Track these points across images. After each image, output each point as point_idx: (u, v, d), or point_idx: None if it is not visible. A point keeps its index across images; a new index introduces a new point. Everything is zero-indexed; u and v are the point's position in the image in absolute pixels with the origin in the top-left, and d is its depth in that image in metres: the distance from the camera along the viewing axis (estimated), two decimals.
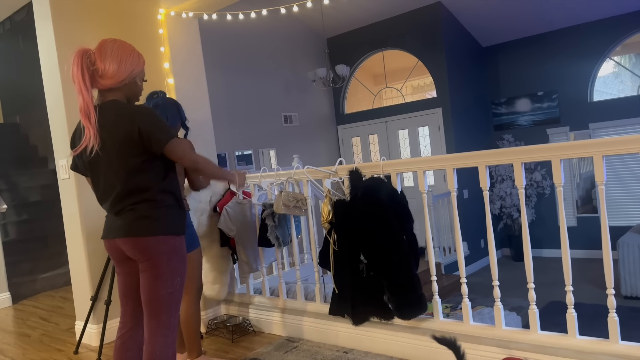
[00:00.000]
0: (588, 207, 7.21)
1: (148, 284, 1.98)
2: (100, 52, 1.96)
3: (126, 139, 1.90)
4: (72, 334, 3.88)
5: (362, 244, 2.70)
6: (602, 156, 2.12)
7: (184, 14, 3.48)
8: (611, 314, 2.16)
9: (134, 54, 2.03)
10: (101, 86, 1.96)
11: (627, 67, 6.97)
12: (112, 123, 1.92)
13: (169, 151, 1.95)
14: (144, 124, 1.90)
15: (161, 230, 1.98)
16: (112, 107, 1.95)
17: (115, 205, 1.99)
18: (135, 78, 2.03)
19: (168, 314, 2.01)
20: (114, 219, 2.02)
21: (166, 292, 1.99)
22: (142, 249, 1.97)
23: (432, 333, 2.48)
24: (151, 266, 1.97)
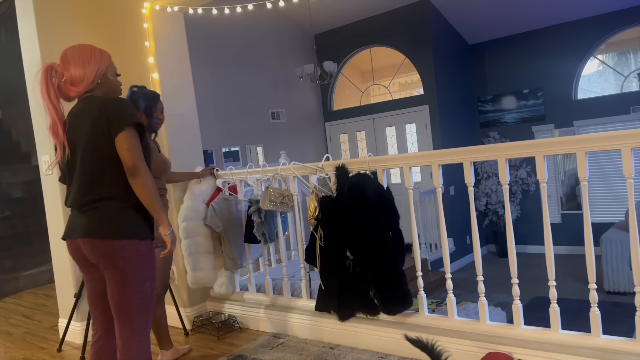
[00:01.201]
0: (572, 203, 7.29)
1: (117, 291, 1.91)
2: (63, 62, 1.97)
3: (96, 127, 1.88)
4: (55, 332, 3.84)
5: (348, 240, 2.70)
6: (585, 152, 2.14)
7: (169, 8, 3.45)
8: (593, 309, 2.18)
9: (95, 52, 2.00)
10: (76, 93, 1.97)
11: (611, 65, 7.05)
12: (80, 119, 1.92)
13: (121, 138, 1.85)
14: (110, 107, 1.89)
15: (128, 234, 1.90)
16: (82, 105, 1.96)
17: (79, 201, 1.92)
18: (106, 74, 2.01)
19: (141, 319, 1.95)
20: (78, 216, 1.94)
21: (137, 297, 1.92)
22: (105, 252, 1.88)
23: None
24: (117, 272, 1.89)
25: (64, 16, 3.55)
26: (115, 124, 1.86)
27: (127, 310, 1.91)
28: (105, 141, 1.87)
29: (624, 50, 6.94)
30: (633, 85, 6.78)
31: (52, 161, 1.97)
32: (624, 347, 2.10)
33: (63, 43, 3.48)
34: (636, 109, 6.58)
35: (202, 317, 3.53)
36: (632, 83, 6.80)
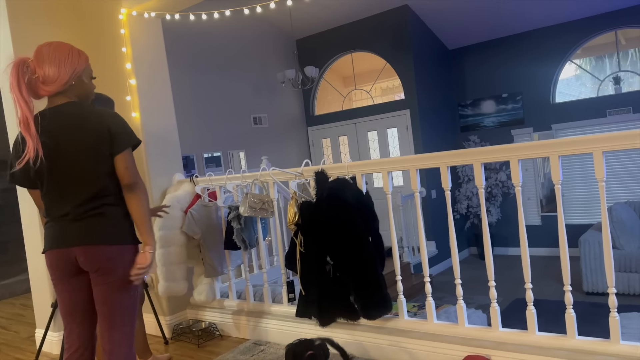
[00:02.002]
0: (552, 205, 7.39)
1: (112, 295, 1.90)
2: (37, 58, 1.89)
3: (94, 139, 1.86)
4: (32, 342, 3.77)
5: (328, 245, 2.70)
6: (558, 156, 2.17)
7: (146, 14, 3.43)
8: (568, 310, 2.21)
9: (73, 52, 1.95)
10: (46, 92, 1.90)
11: (588, 69, 7.18)
12: (71, 125, 1.86)
13: (122, 157, 1.90)
14: (114, 125, 1.90)
15: (127, 239, 1.94)
16: (67, 110, 1.89)
17: (76, 211, 1.88)
18: (81, 77, 1.95)
19: (130, 324, 1.96)
20: (70, 227, 1.89)
21: (129, 302, 1.95)
22: (100, 258, 1.88)
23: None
24: (116, 277, 1.90)
25: (40, 19, 3.51)
26: (119, 142, 1.89)
27: (119, 314, 1.92)
28: (105, 153, 1.88)
29: (600, 55, 7.08)
30: (609, 89, 6.91)
31: (21, 158, 1.84)
32: (598, 348, 2.13)
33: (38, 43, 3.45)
34: (612, 112, 6.71)
35: (182, 325, 3.50)
36: (608, 87, 6.93)
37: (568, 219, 7.05)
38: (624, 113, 6.61)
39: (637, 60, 6.82)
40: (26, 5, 3.45)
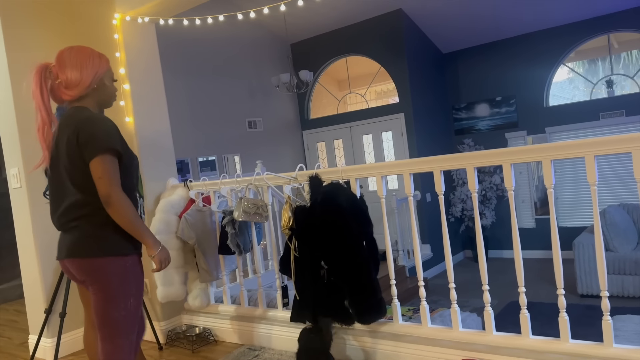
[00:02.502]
0: (546, 208, 7.42)
1: (100, 306, 1.88)
2: (59, 63, 1.89)
3: (69, 148, 1.83)
4: (25, 349, 3.74)
5: (322, 250, 2.70)
6: (551, 160, 2.18)
7: (140, 19, 3.42)
8: (561, 314, 2.22)
9: (94, 56, 1.95)
10: (69, 97, 1.90)
11: (581, 73, 7.23)
12: (62, 135, 1.86)
13: (92, 165, 1.80)
14: (83, 131, 1.81)
15: (108, 251, 1.87)
16: (69, 115, 1.90)
17: (59, 220, 1.91)
18: (103, 80, 1.95)
19: (123, 337, 1.91)
20: (62, 238, 1.94)
21: (119, 314, 1.89)
22: (88, 271, 1.86)
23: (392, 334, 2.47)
24: (100, 289, 1.87)
25: (33, 24, 3.51)
26: (88, 150, 1.80)
27: (109, 326, 1.89)
28: (78, 163, 1.83)
29: (593, 58, 7.13)
30: (602, 92, 6.96)
31: (38, 162, 1.90)
32: (592, 352, 2.14)
33: (32, 51, 3.45)
34: (605, 115, 6.75)
35: (176, 330, 3.49)
36: (601, 90, 6.98)
37: (562, 222, 7.08)
38: (617, 116, 6.66)
39: (630, 64, 6.87)
40: (19, 10, 3.45)
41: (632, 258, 5.24)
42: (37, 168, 1.93)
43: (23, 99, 3.41)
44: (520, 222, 7.33)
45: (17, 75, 3.39)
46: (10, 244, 5.24)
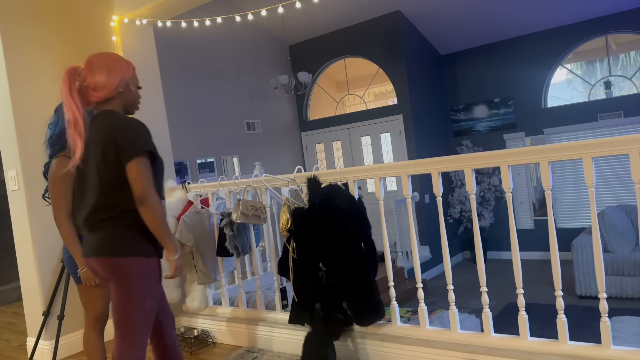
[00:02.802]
0: (545, 209, 7.42)
1: (120, 305, 1.95)
2: (88, 66, 1.99)
3: (105, 150, 1.89)
4: (23, 351, 3.74)
5: (321, 251, 2.70)
6: (548, 162, 2.19)
7: (138, 21, 3.43)
8: (560, 315, 2.22)
9: (121, 61, 2.05)
10: (96, 99, 1.98)
11: (579, 74, 7.24)
12: (96, 135, 1.93)
13: (129, 167, 1.87)
14: (120, 134, 1.89)
15: (133, 252, 1.94)
16: (101, 118, 1.97)
17: (87, 220, 1.97)
18: (129, 85, 2.03)
19: (139, 335, 1.98)
20: (88, 237, 2.00)
21: (137, 313, 1.95)
22: (112, 269, 1.94)
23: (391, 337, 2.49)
24: (122, 287, 1.94)
25: (31, 26, 3.50)
26: (125, 151, 1.87)
27: (127, 324, 1.96)
28: (113, 164, 1.89)
29: (591, 60, 7.14)
30: (600, 94, 6.97)
31: (73, 158, 1.96)
32: (590, 353, 2.14)
33: (30, 52, 3.45)
34: (603, 116, 6.76)
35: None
36: (599, 91, 6.99)
37: (560, 223, 7.08)
38: (615, 117, 6.67)
39: (628, 65, 6.88)
40: (17, 11, 3.44)
41: (631, 259, 5.25)
42: (75, 162, 1.97)
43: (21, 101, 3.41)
44: (518, 223, 7.33)
45: (15, 78, 3.39)
46: (9, 247, 5.23)
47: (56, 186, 2.36)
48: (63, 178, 2.34)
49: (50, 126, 2.49)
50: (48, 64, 3.57)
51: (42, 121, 3.49)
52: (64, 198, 2.35)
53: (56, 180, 2.36)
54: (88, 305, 2.53)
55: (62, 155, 2.42)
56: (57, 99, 3.53)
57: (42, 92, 3.53)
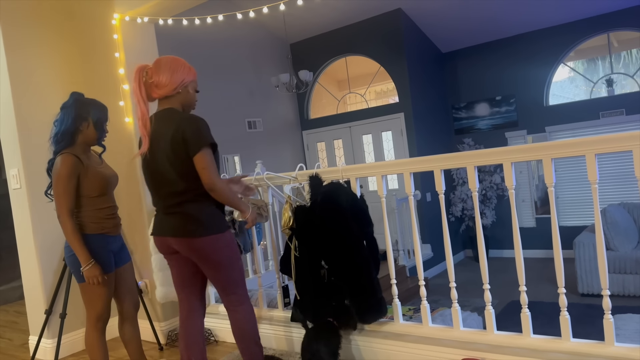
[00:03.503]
0: (547, 208, 7.41)
1: (217, 275, 2.26)
2: (156, 66, 2.23)
3: (174, 144, 2.13)
4: (26, 350, 3.74)
5: (322, 250, 2.69)
6: (551, 159, 2.18)
7: (139, 19, 3.42)
8: (563, 313, 2.22)
9: (185, 66, 2.29)
10: (158, 95, 2.23)
11: (581, 72, 7.22)
12: (164, 129, 2.16)
13: (196, 159, 2.12)
14: (187, 129, 2.13)
15: (212, 231, 2.20)
16: (165, 115, 2.21)
17: (164, 205, 2.22)
18: (187, 87, 2.28)
19: (242, 287, 2.35)
20: (165, 218, 2.23)
21: (235, 275, 2.30)
22: (198, 248, 2.19)
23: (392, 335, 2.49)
24: (214, 263, 2.23)
25: (32, 24, 3.50)
26: (193, 145, 2.12)
27: (232, 285, 2.31)
28: (182, 156, 2.13)
29: (593, 57, 7.12)
30: (602, 91, 6.95)
31: (140, 149, 2.23)
32: (593, 350, 2.13)
33: (30, 50, 3.45)
34: (605, 114, 6.74)
35: (176, 331, 3.48)
36: (601, 89, 6.97)
37: (562, 221, 7.07)
38: (617, 115, 6.65)
39: (630, 63, 6.87)
40: (18, 10, 3.44)
41: (633, 257, 5.24)
42: (140, 155, 2.24)
43: (23, 100, 3.41)
44: (520, 222, 7.32)
45: (16, 76, 3.39)
46: (11, 246, 5.24)
47: (60, 184, 2.37)
48: (68, 176, 2.37)
49: (56, 123, 2.50)
50: (49, 62, 3.57)
51: (44, 119, 3.50)
52: (67, 196, 2.37)
53: (60, 178, 2.37)
54: (90, 304, 2.52)
55: (67, 152, 2.42)
56: (58, 96, 3.55)
57: (44, 90, 3.53)
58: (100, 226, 2.47)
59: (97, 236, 2.46)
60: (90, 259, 2.37)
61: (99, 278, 2.39)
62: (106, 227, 2.49)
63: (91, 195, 2.46)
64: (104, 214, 2.50)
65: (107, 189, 2.55)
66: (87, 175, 2.44)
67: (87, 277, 2.39)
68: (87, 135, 2.50)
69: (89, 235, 2.42)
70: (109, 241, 2.52)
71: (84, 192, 2.44)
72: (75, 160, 2.40)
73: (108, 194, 2.56)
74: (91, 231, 2.44)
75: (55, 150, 2.49)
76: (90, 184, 2.45)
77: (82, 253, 2.36)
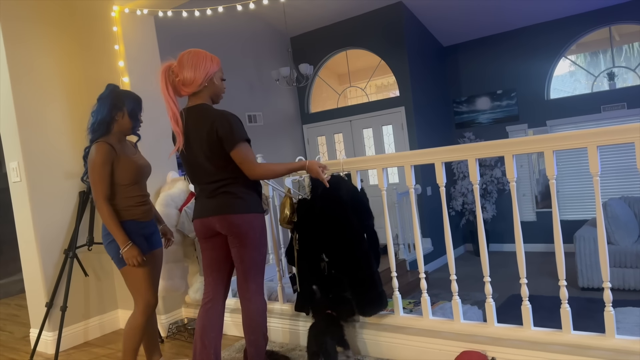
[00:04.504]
0: (547, 202, 7.41)
1: (246, 253, 2.33)
2: (179, 64, 2.28)
3: (210, 138, 2.22)
4: (27, 342, 3.75)
5: (323, 243, 2.69)
6: (553, 151, 2.17)
7: (139, 11, 3.40)
8: (563, 305, 2.21)
9: (206, 58, 2.31)
10: (186, 93, 2.30)
11: (583, 65, 7.19)
12: (197, 124, 2.25)
13: (234, 154, 2.23)
14: (222, 126, 2.22)
15: (253, 209, 2.33)
16: (197, 111, 2.28)
17: (208, 190, 2.32)
18: (213, 79, 2.32)
19: (262, 277, 2.41)
20: (208, 201, 2.33)
21: (259, 258, 2.37)
22: (238, 224, 2.29)
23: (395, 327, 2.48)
24: (248, 239, 2.31)
25: (31, 17, 3.48)
26: (228, 142, 2.22)
27: (254, 268, 2.37)
28: (218, 151, 2.24)
29: (595, 51, 7.10)
30: (603, 85, 6.93)
31: (175, 146, 2.33)
32: (594, 343, 2.13)
33: (30, 43, 3.43)
34: (606, 108, 6.72)
35: (177, 323, 3.49)
36: (603, 83, 6.95)
37: (563, 215, 7.07)
38: (618, 109, 6.63)
39: (631, 56, 6.84)
40: (17, 3, 3.42)
41: (633, 251, 5.24)
42: (176, 151, 2.34)
43: (22, 94, 3.40)
44: (521, 216, 7.29)
45: (16, 69, 3.37)
46: (11, 239, 5.23)
47: (95, 172, 2.45)
48: (102, 163, 2.45)
49: (93, 113, 2.58)
50: (48, 55, 3.55)
51: (44, 111, 3.49)
52: (102, 183, 2.45)
53: (95, 165, 2.45)
54: (135, 289, 2.55)
55: (102, 141, 2.50)
56: (58, 89, 3.54)
57: (43, 83, 3.52)
58: (131, 213, 2.54)
59: (129, 222, 2.52)
60: (128, 240, 2.44)
61: (138, 258, 2.44)
62: (136, 214, 2.56)
63: (123, 183, 2.52)
64: (134, 202, 2.55)
65: (139, 177, 2.62)
66: (120, 163, 2.51)
67: (126, 258, 2.43)
68: (122, 125, 2.58)
69: (122, 222, 2.48)
70: (141, 226, 2.58)
71: (116, 180, 2.50)
72: (109, 148, 2.47)
73: (140, 182, 2.62)
74: (123, 218, 2.50)
75: (91, 139, 2.56)
76: (122, 172, 2.51)
77: (120, 235, 2.43)
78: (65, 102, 3.62)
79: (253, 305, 2.39)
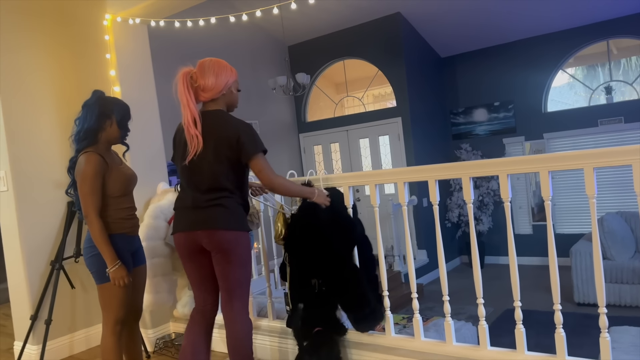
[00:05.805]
0: (543, 215, 7.36)
1: (232, 270, 2.28)
2: (200, 70, 2.28)
3: (228, 143, 2.21)
4: (11, 355, 3.66)
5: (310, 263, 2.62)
6: (548, 172, 2.12)
7: (131, 20, 3.36)
8: (558, 330, 2.15)
9: (227, 67, 2.33)
10: (204, 98, 2.29)
11: (581, 78, 7.18)
12: (214, 128, 2.23)
13: (253, 163, 2.25)
14: (243, 134, 2.23)
15: (242, 226, 2.30)
16: (215, 116, 2.28)
17: (203, 199, 2.25)
18: (231, 88, 2.34)
19: (247, 296, 2.37)
20: (194, 213, 2.26)
21: (245, 276, 2.34)
22: (227, 240, 2.24)
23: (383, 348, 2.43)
24: (235, 256, 2.27)
25: (23, 25, 3.43)
26: (249, 149, 2.23)
27: (239, 287, 2.32)
28: (230, 157, 2.23)
29: (592, 64, 7.08)
30: (601, 99, 6.91)
31: (191, 150, 2.23)
32: None
33: (21, 52, 3.38)
34: (604, 122, 6.70)
35: (164, 338, 3.41)
36: (600, 96, 6.93)
37: (559, 229, 7.02)
38: (616, 123, 6.61)
39: (629, 70, 6.83)
40: (7, 10, 3.37)
41: (630, 267, 5.19)
42: (192, 154, 2.23)
43: (10, 101, 3.34)
44: (517, 229, 7.27)
45: (4, 78, 3.32)
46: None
47: (86, 183, 2.32)
48: (94, 175, 2.33)
49: (78, 121, 2.45)
50: (38, 63, 3.50)
51: (32, 120, 3.43)
52: (94, 195, 2.34)
53: (87, 177, 2.32)
54: (108, 306, 2.45)
55: (92, 151, 2.38)
56: (47, 98, 3.48)
57: (33, 91, 3.46)
58: (121, 226, 2.45)
59: (119, 236, 2.43)
60: (117, 259, 2.34)
61: (125, 279, 2.35)
62: (126, 227, 2.47)
63: (114, 195, 2.43)
64: (125, 214, 2.47)
65: (129, 188, 2.53)
66: (111, 175, 2.41)
67: (113, 278, 2.34)
68: (110, 134, 2.47)
69: (111, 235, 2.38)
70: (128, 241, 2.49)
71: (107, 192, 2.40)
72: (100, 159, 2.36)
73: (129, 194, 2.54)
74: (113, 231, 2.40)
75: (77, 149, 2.43)
76: (113, 184, 2.42)
77: (109, 254, 2.33)
78: (55, 110, 3.57)
79: (238, 325, 2.34)
